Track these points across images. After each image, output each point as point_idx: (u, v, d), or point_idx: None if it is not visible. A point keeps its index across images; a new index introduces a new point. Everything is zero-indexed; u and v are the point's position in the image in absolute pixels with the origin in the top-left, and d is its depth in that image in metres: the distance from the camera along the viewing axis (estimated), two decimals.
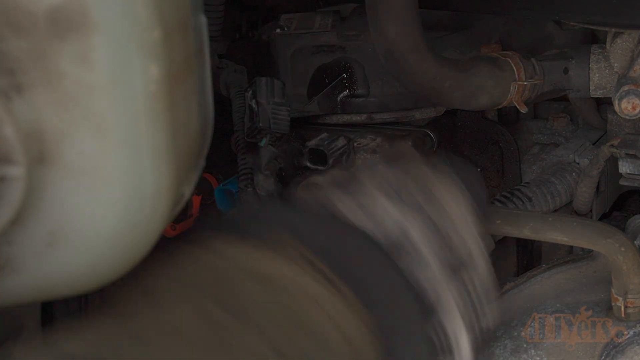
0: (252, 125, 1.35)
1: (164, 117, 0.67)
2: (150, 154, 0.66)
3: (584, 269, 1.34)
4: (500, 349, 1.32)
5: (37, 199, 0.63)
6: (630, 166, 1.33)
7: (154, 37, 0.65)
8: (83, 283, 0.69)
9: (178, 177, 0.70)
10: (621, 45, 1.35)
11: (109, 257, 0.67)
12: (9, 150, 0.60)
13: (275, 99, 1.37)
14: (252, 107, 1.36)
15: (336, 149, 1.42)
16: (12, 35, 0.60)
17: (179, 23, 0.69)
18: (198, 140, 0.77)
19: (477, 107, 1.32)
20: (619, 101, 1.24)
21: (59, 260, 0.66)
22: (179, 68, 0.69)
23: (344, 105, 1.56)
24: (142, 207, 0.67)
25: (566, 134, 1.68)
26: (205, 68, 0.78)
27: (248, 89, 1.38)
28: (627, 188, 1.48)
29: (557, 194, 1.50)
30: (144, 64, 0.64)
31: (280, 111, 1.37)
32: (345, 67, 1.55)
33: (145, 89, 0.64)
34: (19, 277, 0.66)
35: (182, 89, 0.70)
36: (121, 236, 0.66)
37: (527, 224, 1.29)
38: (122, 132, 0.64)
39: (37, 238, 0.65)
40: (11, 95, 0.61)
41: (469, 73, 1.26)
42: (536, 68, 1.38)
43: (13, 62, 0.60)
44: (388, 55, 1.16)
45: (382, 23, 1.13)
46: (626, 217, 1.43)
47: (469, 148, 1.61)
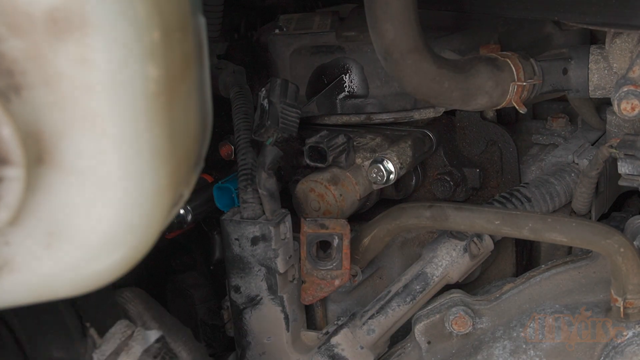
0: (260, 122, 1.36)
1: (163, 117, 0.67)
2: (149, 155, 0.66)
3: (583, 269, 1.35)
4: (500, 350, 1.32)
5: (36, 199, 0.63)
6: (629, 167, 1.33)
7: (153, 38, 0.64)
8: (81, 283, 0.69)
9: (177, 178, 0.70)
10: (620, 45, 1.35)
11: (108, 257, 0.67)
12: (8, 151, 0.60)
13: (287, 101, 1.37)
14: (264, 106, 1.37)
15: (336, 146, 1.42)
16: (11, 36, 0.60)
17: (178, 24, 0.69)
18: (197, 140, 0.77)
19: (476, 107, 1.32)
20: (618, 102, 1.24)
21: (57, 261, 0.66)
22: (177, 69, 0.69)
23: (343, 106, 1.56)
24: (140, 207, 0.66)
25: (565, 134, 1.68)
26: (204, 69, 0.78)
27: (262, 88, 1.39)
28: (626, 188, 1.48)
29: (556, 194, 1.50)
30: (143, 65, 0.64)
31: (290, 113, 1.37)
32: (344, 67, 1.55)
33: (144, 89, 0.64)
34: (17, 277, 0.66)
35: (181, 89, 0.70)
36: (119, 237, 0.66)
37: (526, 225, 1.29)
38: (120, 133, 0.64)
39: (35, 239, 0.65)
40: (10, 96, 0.61)
41: (468, 74, 1.26)
42: (535, 68, 1.38)
43: (11, 63, 0.60)
44: (387, 55, 1.16)
45: (381, 23, 1.13)
46: (625, 218, 1.43)
47: (468, 148, 1.61)
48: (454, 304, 1.37)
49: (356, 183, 1.45)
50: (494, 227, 1.31)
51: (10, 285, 0.66)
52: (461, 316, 1.35)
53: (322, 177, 1.43)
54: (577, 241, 1.27)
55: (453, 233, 1.43)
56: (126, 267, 0.69)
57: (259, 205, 1.32)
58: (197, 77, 0.75)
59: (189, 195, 0.77)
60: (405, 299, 1.42)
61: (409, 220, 1.37)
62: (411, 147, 1.50)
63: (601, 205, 1.52)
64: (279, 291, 1.35)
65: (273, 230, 1.31)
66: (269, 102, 1.37)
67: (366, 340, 1.41)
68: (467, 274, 1.47)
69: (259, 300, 1.36)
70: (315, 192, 1.43)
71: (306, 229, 1.36)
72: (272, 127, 1.35)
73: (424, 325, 1.38)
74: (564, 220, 1.27)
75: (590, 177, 1.41)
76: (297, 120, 1.39)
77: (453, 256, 1.43)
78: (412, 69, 1.18)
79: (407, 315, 1.43)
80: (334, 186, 1.42)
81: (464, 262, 1.43)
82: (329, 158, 1.41)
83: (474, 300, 1.38)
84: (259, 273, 1.34)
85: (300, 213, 1.44)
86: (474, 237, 1.43)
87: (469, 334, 1.36)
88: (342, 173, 1.45)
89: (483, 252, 1.45)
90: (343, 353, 1.40)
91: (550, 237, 1.28)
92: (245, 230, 1.32)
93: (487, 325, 1.36)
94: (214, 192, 1.45)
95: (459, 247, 1.43)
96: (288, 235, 1.35)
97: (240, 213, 1.34)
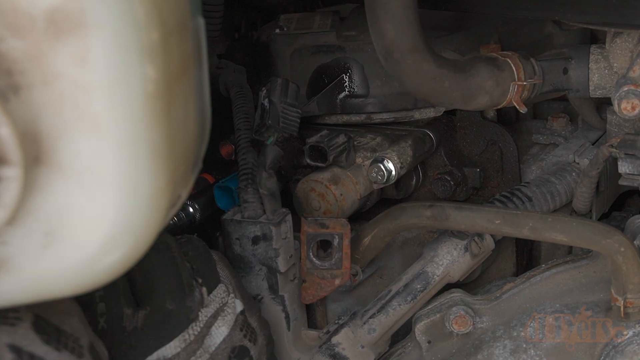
0: (261, 122, 1.36)
1: (162, 118, 0.67)
2: (148, 155, 0.66)
3: (584, 269, 1.35)
4: (500, 349, 1.32)
5: (33, 199, 0.63)
6: (630, 166, 1.33)
7: (152, 38, 0.64)
8: (79, 284, 0.69)
9: (175, 178, 0.70)
10: (620, 45, 1.34)
11: (105, 257, 0.67)
12: (5, 151, 0.60)
13: (287, 100, 1.37)
14: (264, 106, 1.37)
15: (336, 146, 1.43)
16: (10, 36, 0.60)
17: (177, 24, 0.69)
18: (196, 141, 0.77)
19: (476, 107, 1.32)
20: (618, 101, 1.24)
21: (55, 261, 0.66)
22: (176, 69, 0.69)
23: (344, 106, 1.56)
24: (138, 208, 0.66)
25: (565, 134, 1.68)
26: (203, 69, 0.78)
27: (263, 87, 1.39)
28: (627, 188, 1.48)
29: (557, 194, 1.50)
30: (142, 65, 0.64)
31: (291, 112, 1.38)
32: (344, 67, 1.55)
33: (142, 90, 0.64)
34: (14, 277, 0.66)
35: (180, 90, 0.70)
36: (117, 237, 0.66)
37: (526, 224, 1.29)
38: (119, 133, 0.64)
39: (33, 239, 0.65)
40: (8, 95, 0.61)
41: (468, 73, 1.26)
42: (535, 68, 1.38)
43: (10, 63, 0.60)
44: (387, 55, 1.16)
45: (382, 23, 1.13)
46: (626, 217, 1.43)
47: (469, 148, 1.61)
48: (454, 303, 1.37)
49: (357, 182, 1.45)
50: (495, 227, 1.31)
51: (8, 285, 0.66)
52: (461, 315, 1.35)
53: (322, 176, 1.43)
54: (577, 241, 1.27)
55: (454, 232, 1.43)
56: (124, 267, 0.69)
57: (259, 205, 1.32)
58: (196, 77, 0.75)
59: (187, 195, 0.77)
60: (406, 298, 1.42)
61: (409, 219, 1.37)
62: (411, 147, 1.50)
63: (602, 204, 1.52)
64: (280, 290, 1.35)
65: (274, 230, 1.31)
66: (270, 102, 1.37)
67: (367, 340, 1.41)
68: (468, 273, 1.47)
69: (260, 299, 1.36)
70: (315, 191, 1.43)
71: (306, 229, 1.36)
72: (272, 126, 1.35)
73: (425, 325, 1.38)
74: (564, 220, 1.27)
75: (590, 177, 1.41)
76: (297, 119, 1.39)
77: (454, 255, 1.43)
78: (412, 69, 1.18)
79: (408, 315, 1.43)
80: (334, 186, 1.42)
81: (465, 261, 1.43)
82: (329, 157, 1.41)
83: (475, 300, 1.38)
84: (259, 272, 1.34)
85: (301, 212, 1.44)
86: (474, 237, 1.43)
87: (469, 333, 1.36)
88: (342, 172, 1.45)
89: (484, 252, 1.45)
90: (344, 352, 1.40)
91: (550, 237, 1.28)
92: (245, 230, 1.32)
93: (487, 324, 1.36)
94: (214, 192, 1.45)
95: (459, 246, 1.43)
96: (289, 235, 1.35)
97: (240, 213, 1.34)
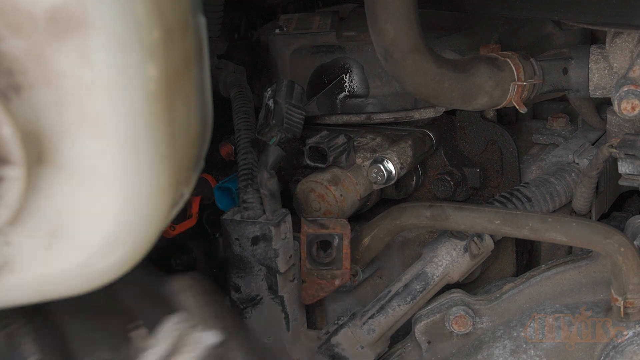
0: (265, 122, 1.36)
1: (163, 117, 0.67)
2: (149, 154, 0.66)
3: (584, 269, 1.35)
4: (500, 349, 1.32)
5: (36, 199, 0.63)
6: (630, 166, 1.33)
7: (153, 38, 0.64)
8: (82, 283, 0.69)
9: (177, 178, 0.70)
10: (620, 45, 1.35)
11: (108, 257, 0.67)
12: (8, 151, 0.60)
13: (292, 101, 1.38)
14: (269, 106, 1.38)
15: (336, 147, 1.43)
16: (11, 36, 0.60)
17: (178, 23, 0.69)
18: (197, 139, 0.77)
19: (476, 107, 1.32)
20: (618, 102, 1.24)
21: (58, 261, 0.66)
22: (177, 68, 0.69)
23: (343, 106, 1.56)
24: (140, 207, 0.66)
25: (565, 134, 1.68)
26: (204, 68, 0.78)
27: (268, 87, 1.39)
28: (627, 188, 1.48)
29: (557, 194, 1.50)
30: (143, 64, 0.64)
31: (295, 114, 1.38)
32: (344, 67, 1.55)
33: (144, 89, 0.64)
34: (17, 277, 0.66)
35: (181, 89, 0.70)
36: (119, 236, 0.66)
37: (526, 225, 1.29)
38: (120, 133, 0.64)
39: (35, 239, 0.65)
40: (10, 95, 0.61)
41: (468, 73, 1.26)
42: (535, 68, 1.38)
43: (11, 62, 0.60)
44: (387, 55, 1.16)
45: (381, 23, 1.13)
46: (626, 217, 1.43)
47: (469, 148, 1.61)
48: (454, 303, 1.37)
49: (356, 183, 1.45)
50: (495, 227, 1.31)
51: (11, 285, 0.66)
52: (461, 316, 1.35)
53: (322, 177, 1.43)
54: (577, 241, 1.27)
55: (453, 233, 1.43)
56: (126, 266, 0.69)
57: (259, 205, 1.32)
58: (197, 76, 0.75)
59: (189, 194, 0.77)
60: (405, 299, 1.42)
61: (409, 220, 1.37)
62: (411, 147, 1.50)
63: (601, 205, 1.52)
64: (279, 291, 1.35)
65: (273, 230, 1.31)
66: (275, 102, 1.37)
67: (366, 340, 1.41)
68: (468, 274, 1.47)
69: (259, 300, 1.36)
70: (315, 192, 1.43)
71: (306, 229, 1.36)
72: (276, 126, 1.36)
73: (424, 325, 1.38)
74: (564, 220, 1.27)
75: (590, 177, 1.41)
76: (301, 121, 1.39)
77: (453, 256, 1.43)
78: (412, 69, 1.18)
79: (408, 315, 1.43)
80: (334, 186, 1.42)
81: (465, 261, 1.43)
82: (329, 158, 1.41)
83: (474, 300, 1.38)
84: (259, 273, 1.34)
85: (301, 213, 1.44)
86: (474, 237, 1.43)
87: (469, 333, 1.36)
88: (342, 173, 1.45)
89: (483, 252, 1.45)
90: (343, 353, 1.40)
91: (550, 237, 1.28)
92: (245, 230, 1.32)
93: (487, 324, 1.36)
94: (214, 192, 1.45)
95: (459, 246, 1.43)
96: (288, 235, 1.35)
97: (240, 213, 1.34)
